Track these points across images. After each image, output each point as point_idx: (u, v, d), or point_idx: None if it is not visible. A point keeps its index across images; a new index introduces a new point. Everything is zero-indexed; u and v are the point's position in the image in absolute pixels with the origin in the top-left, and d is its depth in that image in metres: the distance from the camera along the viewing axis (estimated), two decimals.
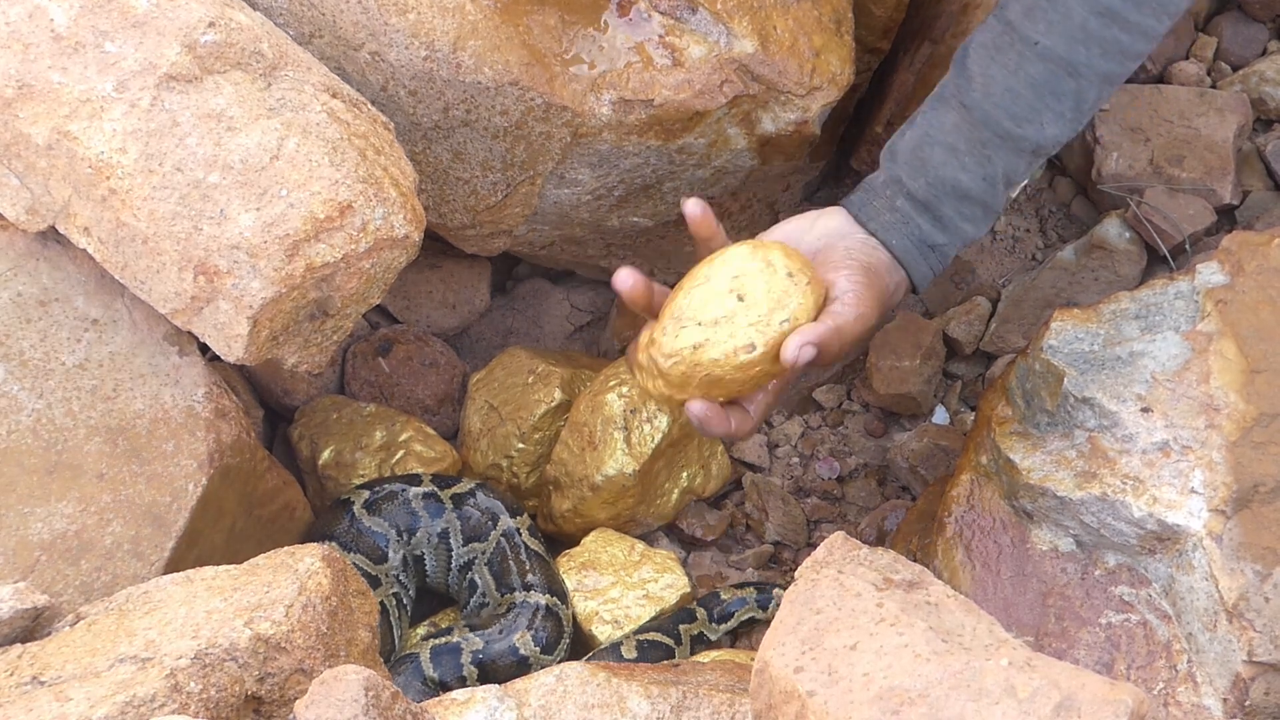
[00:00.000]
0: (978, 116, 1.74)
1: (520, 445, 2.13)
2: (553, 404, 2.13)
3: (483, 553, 2.03)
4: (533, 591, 1.98)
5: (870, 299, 1.69)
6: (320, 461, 2.10)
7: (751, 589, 2.08)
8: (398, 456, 2.12)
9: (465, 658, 1.92)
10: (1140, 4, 1.68)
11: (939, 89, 1.79)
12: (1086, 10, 1.69)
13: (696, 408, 1.64)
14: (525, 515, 2.08)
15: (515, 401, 2.15)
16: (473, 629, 1.96)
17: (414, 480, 2.06)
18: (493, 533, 2.03)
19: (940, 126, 1.76)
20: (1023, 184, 1.81)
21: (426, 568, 2.06)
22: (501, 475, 2.15)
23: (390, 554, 2.01)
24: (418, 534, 2.04)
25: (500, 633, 1.94)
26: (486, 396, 2.17)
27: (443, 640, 1.94)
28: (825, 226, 1.77)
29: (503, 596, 1.99)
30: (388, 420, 2.15)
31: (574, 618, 2.03)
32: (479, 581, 2.03)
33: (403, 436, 2.14)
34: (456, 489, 2.06)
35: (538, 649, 1.94)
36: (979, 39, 1.76)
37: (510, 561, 2.01)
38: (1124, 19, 1.68)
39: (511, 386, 2.16)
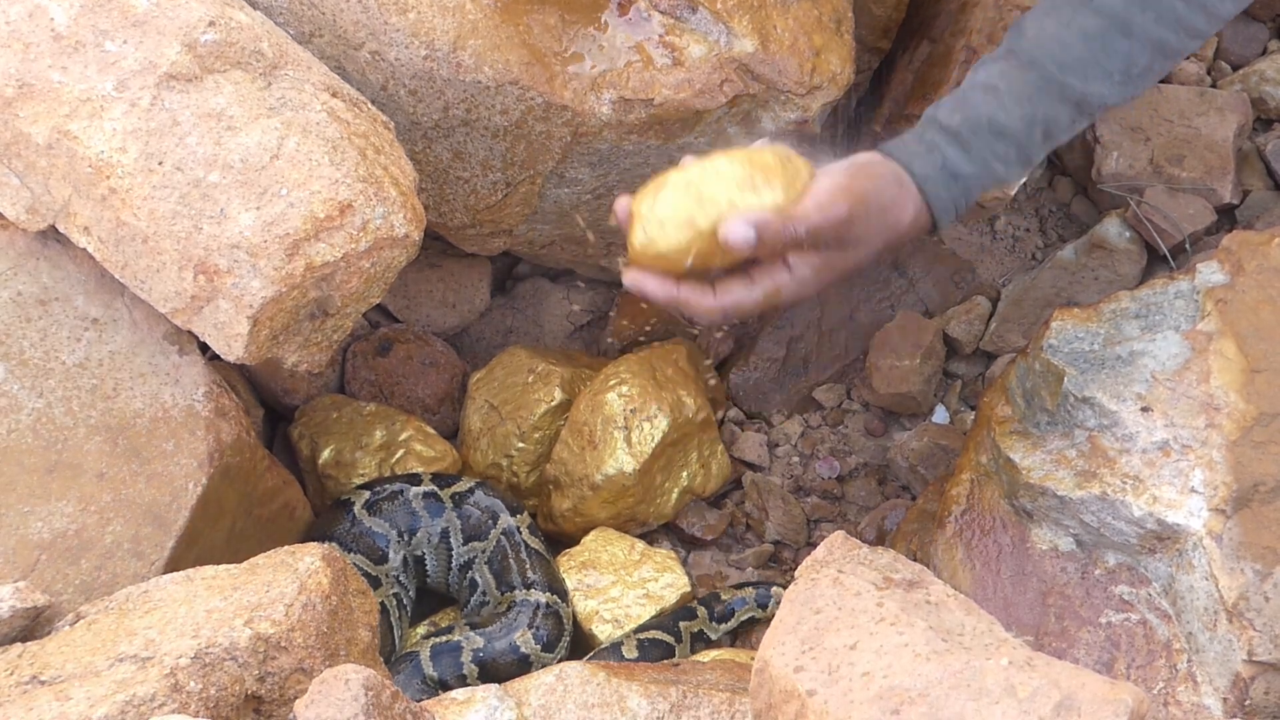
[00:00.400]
0: (1024, 60, 1.73)
1: (520, 444, 2.13)
2: (553, 403, 2.13)
3: (483, 551, 2.03)
4: (533, 589, 1.98)
5: (843, 192, 1.63)
6: (320, 461, 2.10)
7: (750, 589, 2.08)
8: (398, 456, 2.12)
9: (466, 656, 1.92)
10: None
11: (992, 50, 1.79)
12: None
13: (632, 277, 1.62)
14: (525, 514, 2.08)
15: (515, 401, 2.15)
16: (473, 627, 1.96)
17: (414, 480, 2.05)
18: (493, 531, 2.03)
19: (986, 73, 1.75)
20: (1058, 143, 1.77)
21: (427, 568, 2.06)
22: (501, 474, 2.15)
23: (391, 554, 2.01)
24: (418, 534, 2.04)
25: (501, 631, 1.94)
26: (487, 396, 2.17)
27: (443, 639, 1.94)
28: (853, 159, 1.72)
29: (503, 595, 1.99)
30: (388, 419, 2.15)
31: (574, 616, 2.03)
32: (479, 580, 2.02)
33: (403, 435, 2.14)
34: (456, 488, 2.06)
35: (538, 647, 1.94)
36: (1037, 6, 1.76)
37: (510, 560, 2.01)
38: None
39: (511, 386, 2.16)
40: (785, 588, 2.01)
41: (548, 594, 1.98)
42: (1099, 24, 1.71)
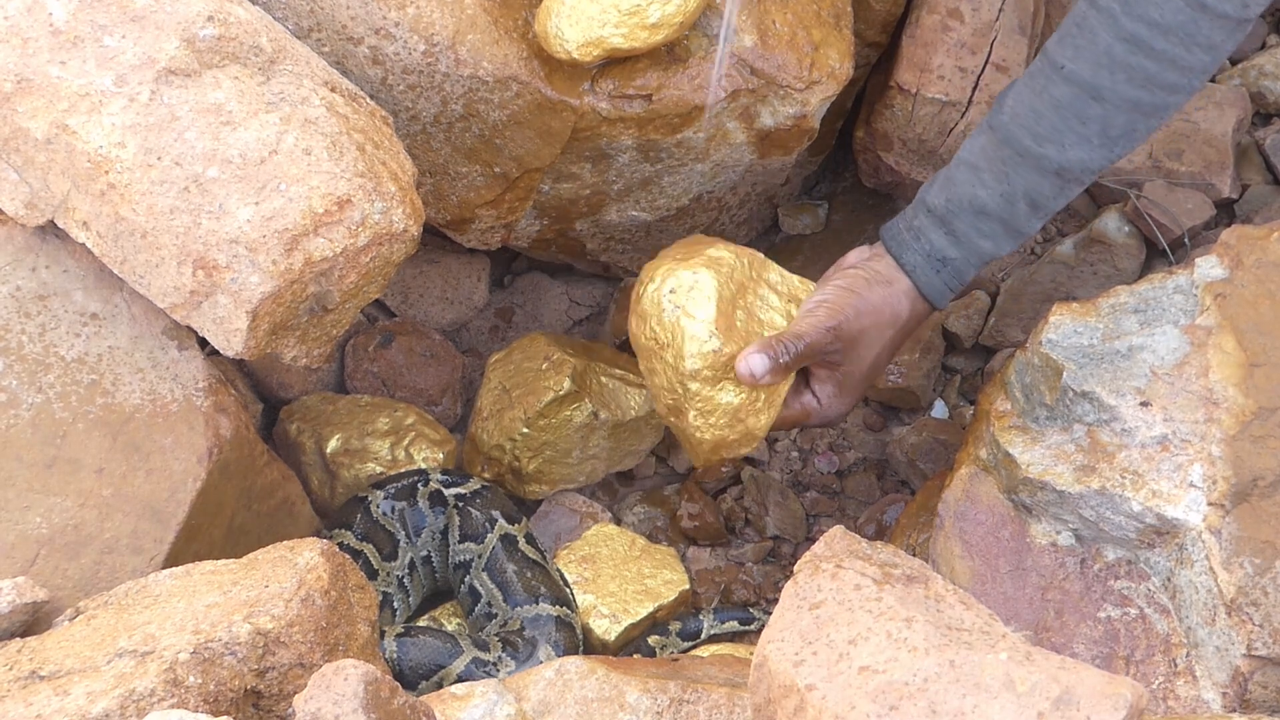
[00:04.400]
0: (1000, 136, 1.78)
1: (525, 430, 2.13)
2: (561, 393, 2.12)
3: (479, 555, 2.02)
4: (541, 603, 1.98)
5: (829, 309, 1.80)
6: (328, 450, 2.11)
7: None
8: (409, 438, 2.12)
9: None
10: (1166, 32, 1.68)
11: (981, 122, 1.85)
12: (1112, 36, 1.70)
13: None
14: (525, 522, 2.08)
15: (526, 386, 2.14)
16: (504, 645, 1.94)
17: (424, 478, 2.06)
18: (489, 536, 2.03)
19: (969, 150, 1.82)
20: (1054, 209, 1.82)
21: (434, 566, 2.06)
22: (504, 457, 2.14)
23: (399, 554, 2.02)
24: (424, 534, 2.04)
25: (527, 659, 1.92)
26: (501, 378, 2.17)
27: (485, 658, 1.92)
28: (844, 263, 1.89)
29: (511, 609, 1.99)
30: (389, 408, 2.16)
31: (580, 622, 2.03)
32: (481, 590, 2.02)
33: (408, 420, 2.15)
34: (461, 489, 2.06)
35: None
36: (1021, 76, 1.81)
37: (511, 572, 2.01)
38: (1149, 46, 1.69)
39: (526, 371, 2.16)
40: (684, 619, 2.06)
41: (557, 607, 1.98)
42: (1069, 92, 1.73)
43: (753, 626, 2.08)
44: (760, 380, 1.75)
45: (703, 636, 2.06)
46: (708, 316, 1.75)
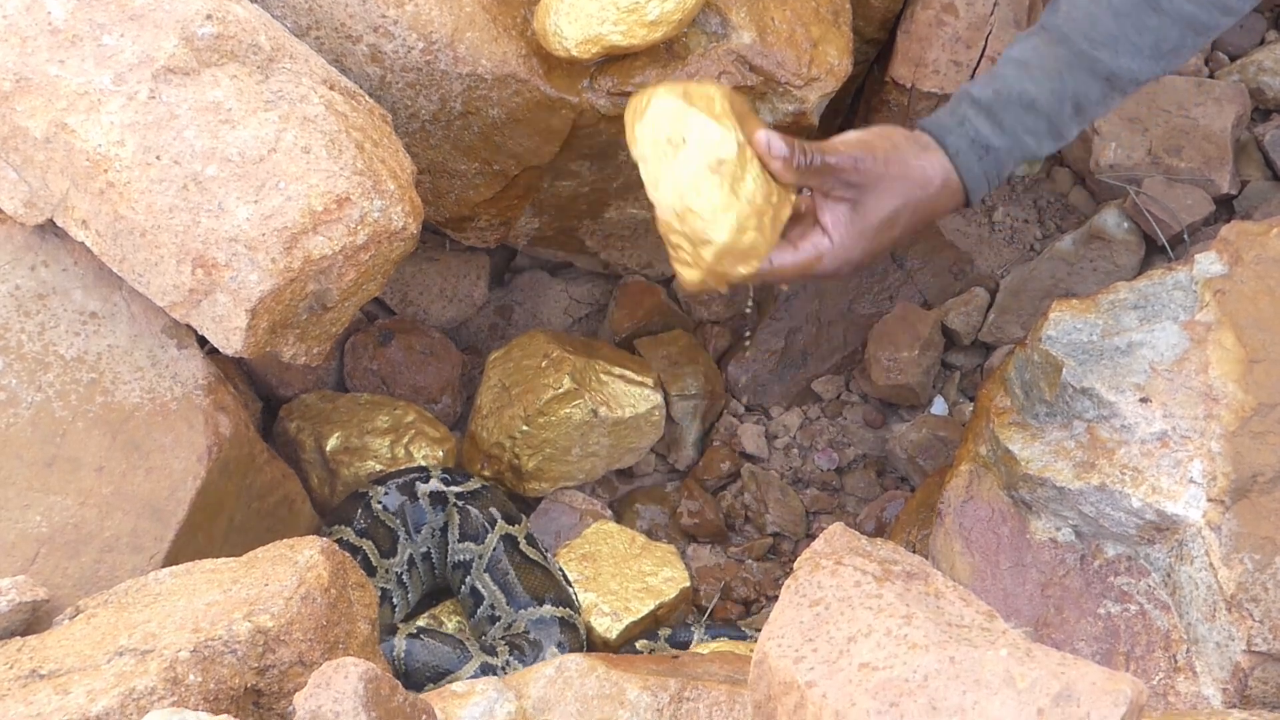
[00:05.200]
0: (1055, 36, 1.76)
1: (524, 428, 2.13)
2: (560, 390, 2.12)
3: (480, 556, 2.02)
4: (545, 605, 1.98)
5: (860, 140, 1.71)
6: (328, 449, 2.11)
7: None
8: (409, 436, 2.12)
9: None
10: None
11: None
12: None
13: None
14: (525, 522, 2.08)
15: (526, 384, 2.15)
16: (510, 652, 1.94)
17: (424, 476, 2.06)
18: (489, 536, 2.03)
19: (1019, 49, 1.78)
20: (1091, 118, 1.80)
21: (433, 563, 2.06)
22: (504, 454, 2.15)
23: (399, 550, 2.02)
24: (423, 530, 2.04)
25: (533, 662, 1.92)
26: (500, 376, 2.17)
27: (493, 662, 1.92)
28: (876, 127, 1.79)
29: (515, 612, 1.99)
30: (389, 406, 2.16)
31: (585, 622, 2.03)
32: (484, 592, 2.02)
33: (408, 418, 2.15)
34: (461, 488, 2.06)
35: None
36: None
37: (513, 575, 2.01)
38: None
39: (525, 369, 2.16)
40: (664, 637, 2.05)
41: (560, 608, 1.98)
42: (1130, 1, 1.73)
43: (744, 645, 2.07)
44: (774, 156, 1.64)
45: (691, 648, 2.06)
46: (724, 110, 1.67)
